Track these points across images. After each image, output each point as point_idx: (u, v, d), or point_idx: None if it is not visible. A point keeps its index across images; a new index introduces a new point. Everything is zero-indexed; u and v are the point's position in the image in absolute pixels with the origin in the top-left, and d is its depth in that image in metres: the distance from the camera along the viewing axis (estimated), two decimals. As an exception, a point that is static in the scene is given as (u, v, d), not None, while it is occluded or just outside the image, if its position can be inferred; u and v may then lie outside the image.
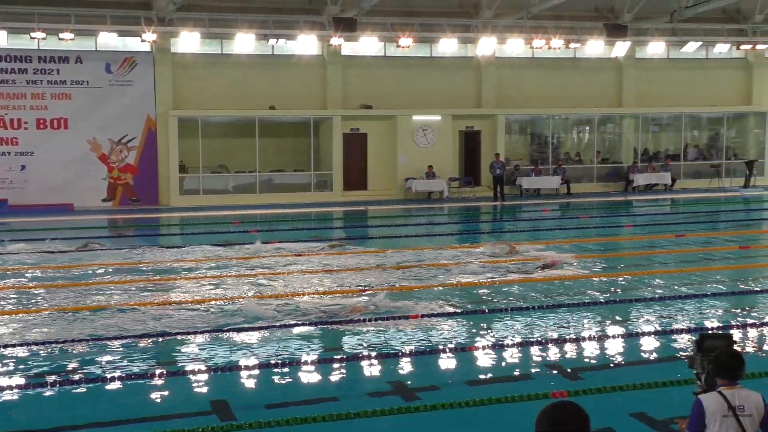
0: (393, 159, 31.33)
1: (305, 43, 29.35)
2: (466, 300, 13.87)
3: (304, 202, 29.37)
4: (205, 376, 9.90)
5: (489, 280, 15.30)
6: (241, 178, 30.76)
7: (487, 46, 30.59)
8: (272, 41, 29.44)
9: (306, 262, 17.35)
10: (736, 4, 31.81)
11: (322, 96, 31.15)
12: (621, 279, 15.59)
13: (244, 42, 28.68)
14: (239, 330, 11.75)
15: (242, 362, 10.25)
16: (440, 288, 14.63)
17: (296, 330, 11.87)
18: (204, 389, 9.58)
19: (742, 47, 33.12)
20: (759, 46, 32.78)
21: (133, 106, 29.43)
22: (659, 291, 14.44)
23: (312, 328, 12.05)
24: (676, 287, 14.73)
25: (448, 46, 30.35)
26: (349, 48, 30.82)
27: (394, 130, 31.25)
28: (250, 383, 9.73)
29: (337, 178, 30.76)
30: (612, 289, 14.77)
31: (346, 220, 26.81)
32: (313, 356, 10.73)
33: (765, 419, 5.21)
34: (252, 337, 11.54)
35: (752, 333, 11.89)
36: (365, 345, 11.16)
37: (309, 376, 10.02)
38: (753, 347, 11.24)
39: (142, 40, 28.05)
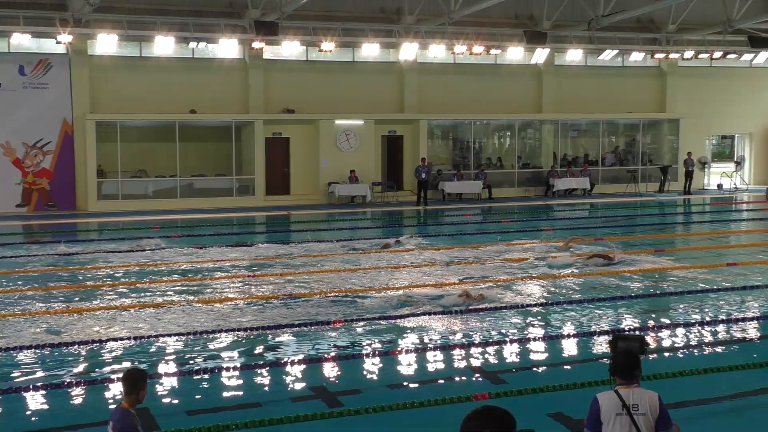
0: (316, 164, 31.22)
1: (226, 47, 29.06)
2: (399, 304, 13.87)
3: (226, 207, 29.04)
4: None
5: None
6: (161, 183, 30.24)
7: (409, 51, 30.77)
8: (192, 44, 29.07)
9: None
10: (650, 14, 32.65)
11: (243, 100, 30.86)
12: (542, 282, 15.80)
13: (164, 44, 28.23)
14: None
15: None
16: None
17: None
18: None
19: (656, 56, 34.00)
20: (672, 55, 33.68)
21: (48, 109, 28.65)
22: (576, 295, 14.69)
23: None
24: (593, 291, 15.00)
25: (370, 50, 30.43)
26: (270, 52, 30.61)
27: (316, 134, 31.15)
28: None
29: (260, 182, 30.49)
30: (532, 292, 14.96)
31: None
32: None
33: (660, 417, 5.33)
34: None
35: (665, 334, 12.18)
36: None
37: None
38: (665, 348, 11.51)
39: (58, 42, 27.34)
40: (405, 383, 9.99)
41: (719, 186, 35.90)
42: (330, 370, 10.40)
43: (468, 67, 33.02)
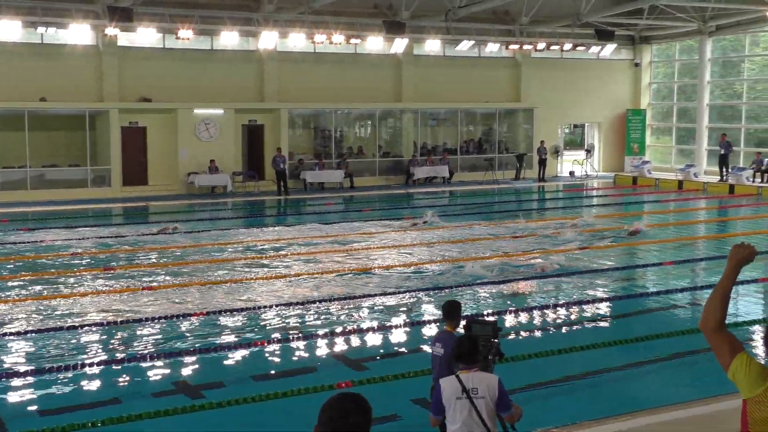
0: (174, 153, 30.54)
1: (78, 33, 27.98)
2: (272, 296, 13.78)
3: (81, 198, 28.03)
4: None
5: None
6: (9, 174, 28.84)
7: (268, 40, 30.49)
8: (41, 29, 27.84)
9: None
10: (505, 6, 33.54)
11: (97, 88, 29.83)
12: (409, 269, 16.04)
13: (10, 29, 26.94)
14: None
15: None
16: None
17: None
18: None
19: (511, 47, 34.98)
20: (525, 47, 34.70)
21: None
22: (434, 280, 15.00)
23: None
24: (450, 276, 15.35)
25: (229, 39, 29.97)
26: (126, 39, 29.68)
27: (175, 123, 30.46)
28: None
29: (116, 173, 29.56)
30: (396, 281, 15.17)
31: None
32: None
33: (499, 400, 5.53)
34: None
35: (522, 317, 12.62)
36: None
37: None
38: (521, 330, 11.92)
39: None
40: (269, 374, 9.97)
41: (571, 173, 37.33)
42: (192, 364, 10.26)
43: (328, 57, 33.04)
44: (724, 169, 32.28)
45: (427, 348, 11.11)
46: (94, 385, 9.53)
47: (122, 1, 27.37)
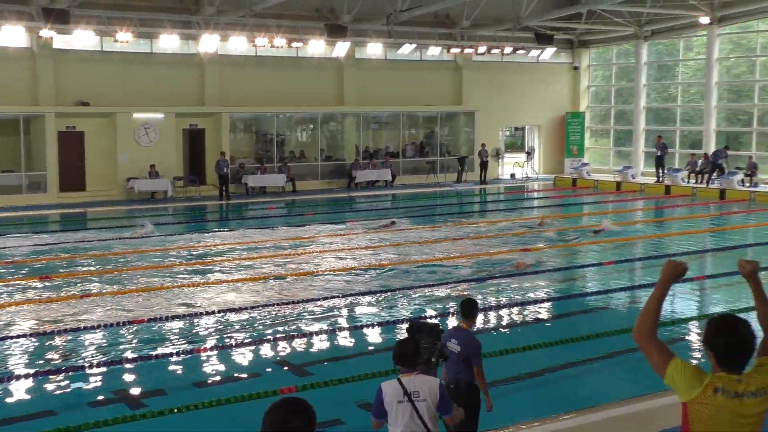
0: (113, 158, 30.05)
1: (11, 34, 27.37)
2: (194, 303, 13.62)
3: (15, 205, 27.41)
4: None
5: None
6: (-60, 180, 28.14)
7: (209, 43, 30.18)
8: (-27, 32, 27.23)
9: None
10: (446, 10, 33.73)
11: (32, 91, 29.19)
12: (352, 273, 16.02)
13: (-59, 32, 26.30)
14: None
15: None
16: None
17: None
18: None
19: (452, 50, 35.19)
20: (467, 50, 34.93)
21: None
22: (377, 283, 15.01)
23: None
24: (393, 279, 15.37)
25: (169, 42, 29.59)
26: (62, 41, 29.13)
27: (113, 128, 29.99)
28: None
29: (52, 178, 28.98)
30: (339, 285, 15.14)
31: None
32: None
33: (440, 402, 5.55)
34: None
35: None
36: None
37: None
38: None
39: None
40: (211, 380, 9.86)
41: (512, 175, 37.69)
42: (132, 372, 10.10)
43: (270, 60, 32.86)
44: (660, 171, 32.89)
45: (371, 350, 11.12)
46: (29, 396, 9.31)
47: (58, 3, 26.85)
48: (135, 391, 9.44)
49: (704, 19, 32.17)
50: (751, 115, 32.98)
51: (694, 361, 10.11)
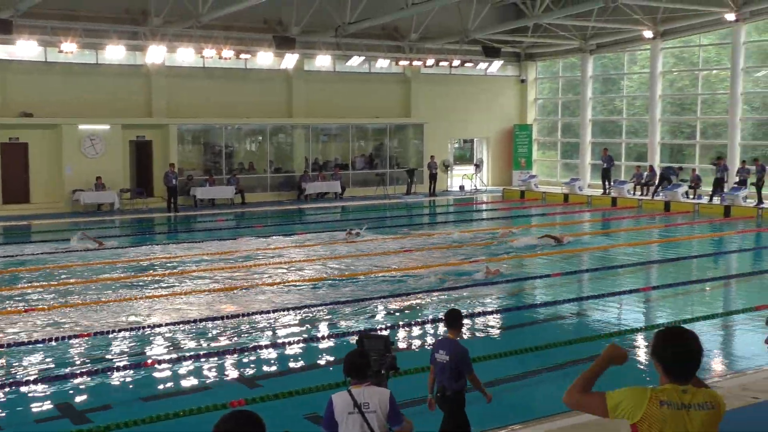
0: (59, 170, 29.58)
1: (-46, 45, 26.89)
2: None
3: (-43, 218, 26.86)
4: None
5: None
6: None
7: (156, 54, 29.88)
8: None
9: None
10: (394, 22, 33.89)
11: (-25, 103, 28.70)
12: (295, 286, 15.95)
13: None
14: None
15: None
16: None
17: None
18: None
19: (401, 63, 35.34)
20: (415, 63, 35.13)
21: None
22: (328, 294, 14.96)
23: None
24: (343, 291, 15.34)
25: (115, 53, 29.24)
26: (4, 51, 28.65)
27: (59, 139, 29.53)
28: None
29: (-5, 191, 28.47)
30: (289, 297, 15.06)
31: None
32: None
33: (390, 414, 5.55)
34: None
35: (414, 330, 12.69)
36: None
37: None
38: (413, 344, 11.99)
39: None
40: (158, 394, 9.73)
41: (461, 187, 37.94)
42: (77, 387, 9.91)
43: (218, 72, 32.66)
44: (606, 183, 33.36)
45: (321, 363, 11.08)
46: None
47: (1, 13, 26.39)
48: (80, 406, 9.26)
49: (648, 34, 32.82)
50: (694, 128, 33.64)
51: (641, 368, 10.30)
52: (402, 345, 11.75)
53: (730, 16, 29.88)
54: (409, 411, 9.01)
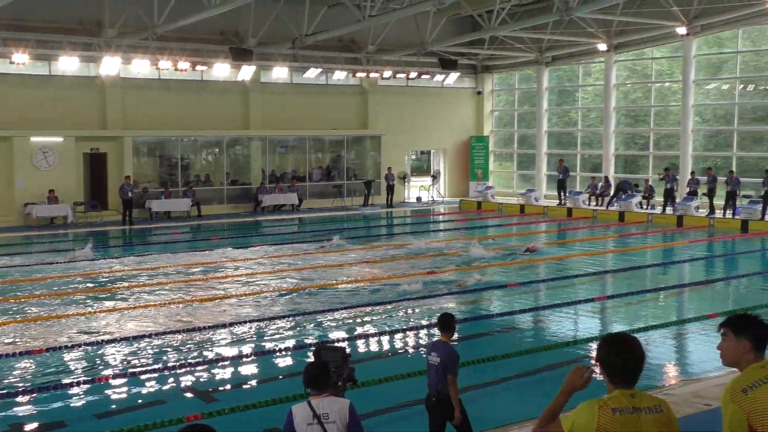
0: (11, 183, 29.11)
1: None
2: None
3: None
4: None
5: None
6: None
7: (110, 65, 29.55)
8: None
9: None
10: (351, 34, 33.95)
11: (-76, 114, 28.15)
12: (252, 299, 15.86)
13: None
14: None
15: None
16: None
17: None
18: None
19: (358, 75, 35.39)
20: (372, 74, 35.20)
21: None
22: (286, 306, 14.90)
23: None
24: (300, 303, 15.29)
25: (68, 64, 28.87)
26: (-45, 62, 28.23)
27: (10, 152, 29.08)
28: None
29: (-55, 204, 27.94)
30: (245, 310, 14.96)
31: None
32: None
33: (350, 423, 5.55)
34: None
35: (371, 342, 12.67)
36: None
37: None
38: (368, 356, 11.98)
39: None
40: (113, 410, 9.59)
41: (418, 199, 38.05)
42: (29, 404, 9.74)
43: (174, 83, 32.42)
44: (562, 193, 33.68)
45: (279, 376, 11.02)
46: None
47: (-49, 24, 26.00)
48: (32, 425, 9.10)
49: (602, 46, 33.29)
50: (648, 139, 34.14)
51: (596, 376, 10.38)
52: (360, 356, 11.73)
53: (682, 30, 30.42)
54: (394, 415, 9.06)
